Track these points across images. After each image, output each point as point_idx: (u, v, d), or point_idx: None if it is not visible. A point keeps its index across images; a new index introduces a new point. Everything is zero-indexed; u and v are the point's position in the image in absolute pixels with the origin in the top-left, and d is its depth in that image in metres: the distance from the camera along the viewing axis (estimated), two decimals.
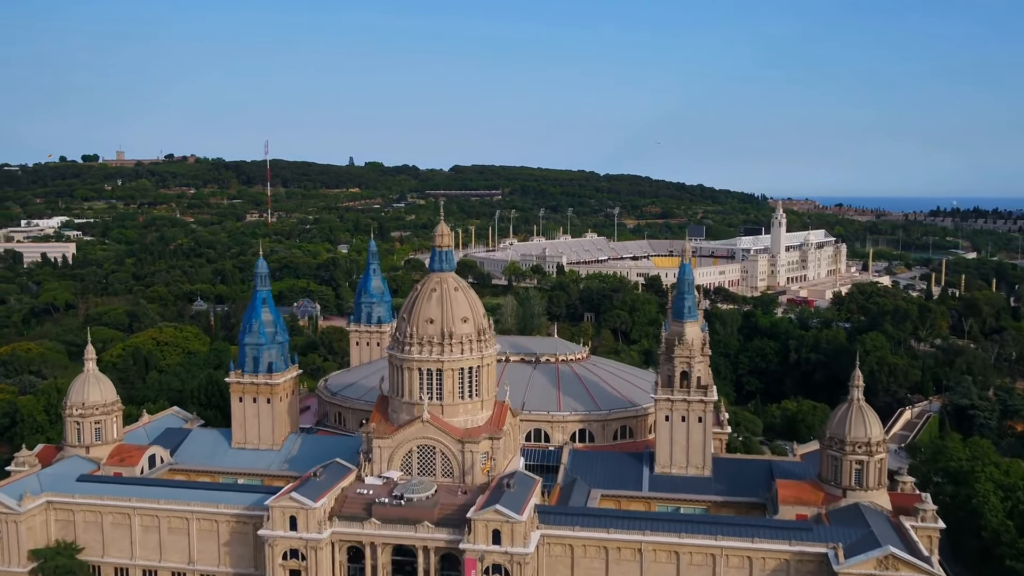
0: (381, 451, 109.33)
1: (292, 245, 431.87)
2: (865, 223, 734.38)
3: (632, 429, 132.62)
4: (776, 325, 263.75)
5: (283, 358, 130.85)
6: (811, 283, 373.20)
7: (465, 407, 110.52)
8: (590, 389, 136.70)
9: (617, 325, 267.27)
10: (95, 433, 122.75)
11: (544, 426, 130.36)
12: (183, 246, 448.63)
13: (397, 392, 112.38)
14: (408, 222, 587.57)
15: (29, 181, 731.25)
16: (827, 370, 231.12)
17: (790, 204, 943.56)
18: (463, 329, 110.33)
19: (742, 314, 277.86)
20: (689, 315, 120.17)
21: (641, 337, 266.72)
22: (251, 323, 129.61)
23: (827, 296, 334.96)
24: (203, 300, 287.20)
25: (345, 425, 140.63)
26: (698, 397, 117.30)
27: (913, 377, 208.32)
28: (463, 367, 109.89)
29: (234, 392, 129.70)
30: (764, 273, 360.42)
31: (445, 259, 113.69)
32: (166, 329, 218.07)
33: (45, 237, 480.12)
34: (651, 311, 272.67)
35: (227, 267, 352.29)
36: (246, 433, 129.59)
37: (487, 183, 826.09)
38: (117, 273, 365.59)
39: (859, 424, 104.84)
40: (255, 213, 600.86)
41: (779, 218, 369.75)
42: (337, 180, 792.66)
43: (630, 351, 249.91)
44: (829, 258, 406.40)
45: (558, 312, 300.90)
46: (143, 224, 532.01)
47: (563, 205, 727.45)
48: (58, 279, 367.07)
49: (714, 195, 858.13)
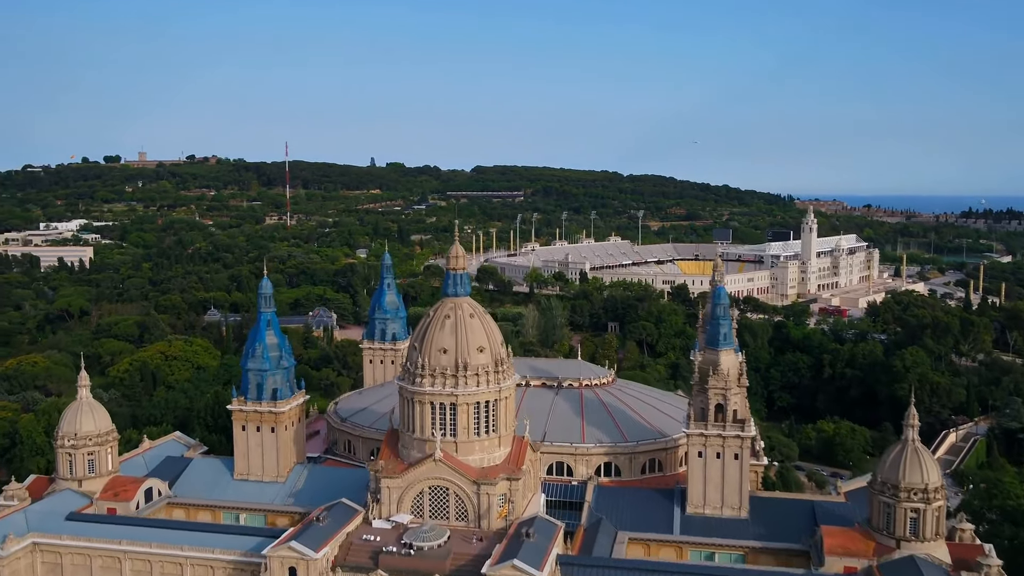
0: (390, 492, 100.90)
1: (310, 250, 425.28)
2: (895, 225, 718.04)
3: (661, 462, 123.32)
4: (809, 337, 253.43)
5: (288, 384, 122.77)
6: (843, 290, 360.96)
7: (481, 444, 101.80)
8: (616, 418, 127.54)
9: (643, 337, 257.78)
10: (88, 465, 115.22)
11: (567, 459, 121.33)
12: (201, 250, 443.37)
13: (408, 427, 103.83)
14: (428, 225, 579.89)
15: (51, 182, 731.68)
16: (863, 386, 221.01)
17: (818, 205, 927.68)
18: (479, 360, 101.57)
19: (773, 325, 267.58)
20: (724, 342, 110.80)
21: (667, 350, 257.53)
22: (255, 347, 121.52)
23: (860, 305, 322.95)
24: (216, 309, 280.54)
25: (355, 454, 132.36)
26: (734, 432, 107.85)
27: (957, 397, 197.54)
28: (479, 401, 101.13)
29: (236, 420, 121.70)
30: (794, 280, 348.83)
31: (460, 283, 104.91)
32: (175, 342, 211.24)
33: (63, 240, 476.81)
34: (678, 323, 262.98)
35: (243, 272, 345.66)
36: (249, 464, 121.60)
37: (509, 184, 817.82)
38: (133, 278, 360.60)
39: (915, 468, 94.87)
40: (275, 216, 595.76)
41: (810, 223, 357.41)
42: (358, 181, 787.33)
43: (656, 365, 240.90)
44: (861, 264, 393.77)
45: (581, 322, 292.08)
46: (162, 227, 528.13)
47: (586, 207, 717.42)
48: (74, 284, 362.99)
49: (740, 196, 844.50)
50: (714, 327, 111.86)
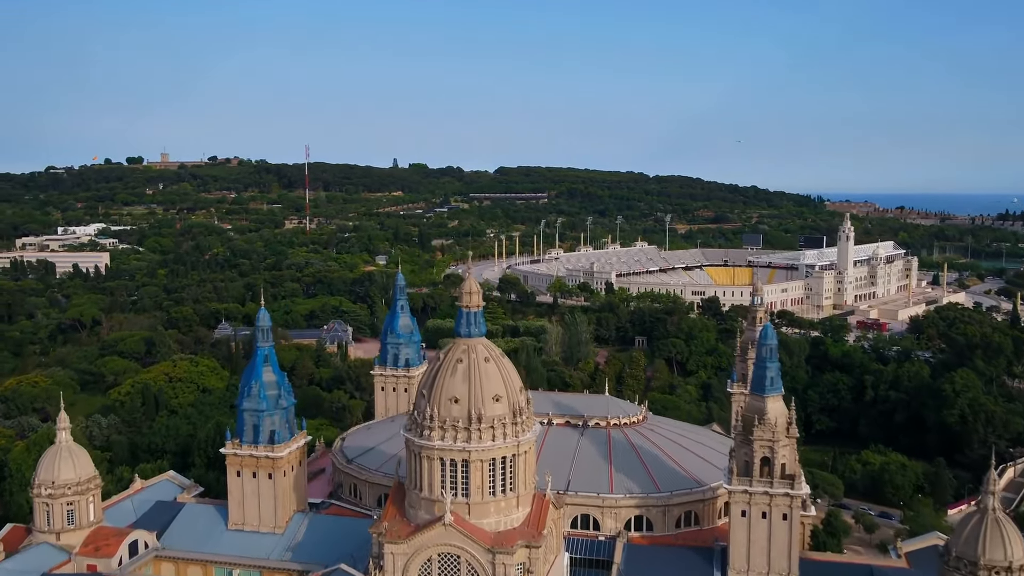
0: (394, 558, 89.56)
1: (329, 256, 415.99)
2: (930, 228, 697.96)
3: (698, 515, 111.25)
4: (849, 355, 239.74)
5: (288, 425, 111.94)
6: (881, 301, 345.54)
7: (497, 505, 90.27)
8: (648, 463, 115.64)
9: (672, 355, 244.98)
10: (67, 516, 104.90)
11: (593, 511, 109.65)
12: (218, 255, 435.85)
13: (415, 484, 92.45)
14: (450, 229, 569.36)
15: (73, 184, 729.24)
16: (908, 410, 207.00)
17: (848, 207, 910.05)
18: (495, 410, 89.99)
19: (810, 341, 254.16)
20: (772, 388, 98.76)
21: (698, 368, 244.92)
22: (250, 385, 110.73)
23: (900, 317, 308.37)
24: (228, 323, 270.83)
25: (362, 500, 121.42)
26: (783, 490, 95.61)
27: (1015, 427, 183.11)
28: (495, 457, 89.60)
29: (230, 465, 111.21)
30: (830, 291, 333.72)
31: (474, 322, 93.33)
32: (180, 363, 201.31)
33: (80, 246, 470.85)
34: (709, 339, 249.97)
35: (259, 281, 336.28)
36: (244, 513, 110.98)
37: (533, 186, 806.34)
38: (148, 286, 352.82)
39: (997, 543, 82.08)
40: (294, 219, 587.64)
41: (846, 231, 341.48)
42: (380, 183, 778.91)
43: (686, 386, 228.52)
44: (899, 272, 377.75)
45: (607, 336, 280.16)
46: (180, 232, 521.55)
47: (611, 209, 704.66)
48: (89, 291, 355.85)
49: (768, 197, 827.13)
50: (760, 370, 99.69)
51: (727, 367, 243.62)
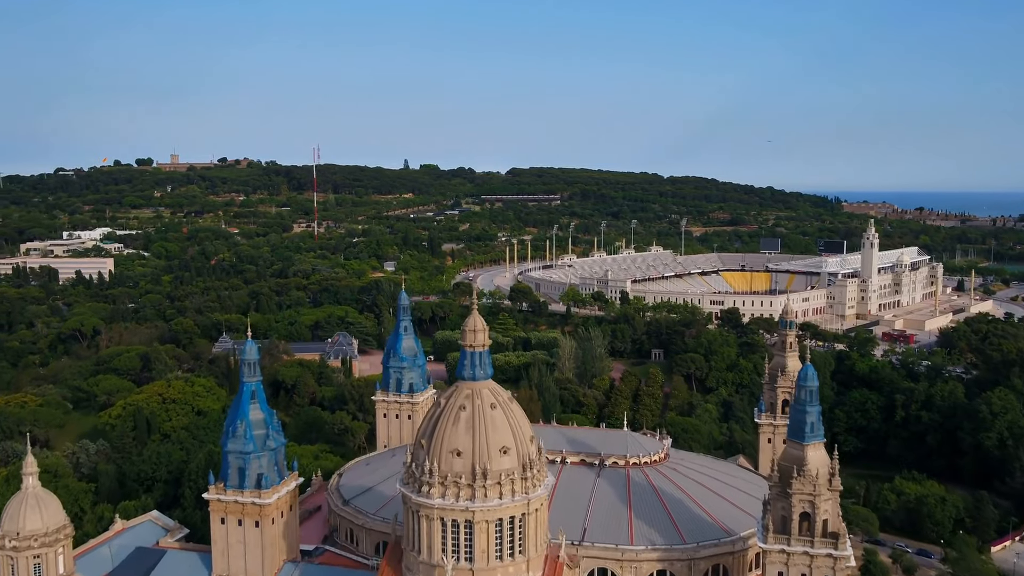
0: None
1: (336, 263, 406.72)
2: (951, 231, 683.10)
3: (727, 568, 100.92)
4: (876, 371, 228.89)
5: (276, 467, 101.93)
6: (906, 310, 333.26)
7: (505, 570, 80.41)
8: (671, 509, 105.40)
9: (691, 371, 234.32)
10: (33, 570, 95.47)
11: (611, 564, 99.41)
12: (224, 261, 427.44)
13: (412, 545, 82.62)
14: (461, 233, 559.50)
15: (83, 186, 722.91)
16: (942, 432, 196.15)
17: (866, 208, 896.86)
18: (502, 464, 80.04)
19: (835, 356, 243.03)
20: (812, 434, 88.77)
21: (718, 384, 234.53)
22: (235, 424, 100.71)
23: (927, 328, 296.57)
24: (229, 335, 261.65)
25: (359, 546, 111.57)
26: (825, 550, 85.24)
27: None
28: (502, 517, 79.65)
29: (214, 511, 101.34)
30: (853, 300, 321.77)
31: (479, 364, 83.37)
32: (175, 382, 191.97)
33: (85, 251, 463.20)
34: (730, 355, 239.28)
35: (264, 290, 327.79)
36: (229, 563, 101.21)
37: (545, 187, 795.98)
38: (151, 294, 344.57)
39: None
40: (303, 223, 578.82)
41: (870, 238, 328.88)
42: (390, 185, 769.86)
43: (707, 404, 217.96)
44: (924, 280, 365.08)
45: (622, 348, 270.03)
46: (186, 236, 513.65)
47: (625, 211, 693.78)
48: (91, 299, 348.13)
49: (785, 199, 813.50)
50: (799, 415, 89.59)
51: (748, 383, 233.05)
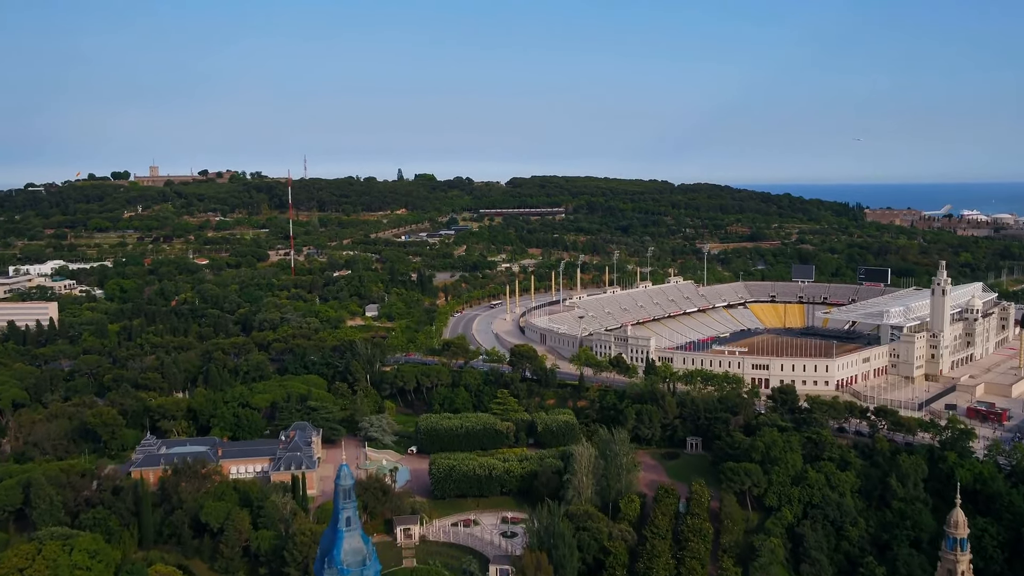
0: None
1: (310, 309, 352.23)
2: (990, 243, 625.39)
3: None
4: (986, 483, 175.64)
5: None
6: (980, 367, 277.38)
7: None
8: None
9: (745, 487, 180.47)
10: None
11: None
12: (185, 303, 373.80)
13: None
14: (456, 260, 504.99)
15: (52, 204, 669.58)
16: None
17: (890, 214, 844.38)
18: None
19: (926, 456, 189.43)
20: None
21: (780, 503, 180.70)
22: None
23: (1015, 394, 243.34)
24: (155, 435, 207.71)
25: None
26: None
27: None
28: None
29: None
30: (922, 359, 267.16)
31: None
32: (49, 544, 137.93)
33: (29, 292, 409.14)
34: (795, 463, 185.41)
35: (217, 353, 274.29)
36: None
37: (548, 199, 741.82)
38: (89, 355, 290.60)
39: None
40: (281, 251, 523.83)
41: (942, 283, 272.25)
42: (381, 200, 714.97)
43: (771, 539, 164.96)
44: (996, 325, 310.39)
45: (650, 435, 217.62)
46: (148, 269, 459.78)
47: (635, 225, 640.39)
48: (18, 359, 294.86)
49: (805, 208, 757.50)
50: None
51: (820, 503, 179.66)
